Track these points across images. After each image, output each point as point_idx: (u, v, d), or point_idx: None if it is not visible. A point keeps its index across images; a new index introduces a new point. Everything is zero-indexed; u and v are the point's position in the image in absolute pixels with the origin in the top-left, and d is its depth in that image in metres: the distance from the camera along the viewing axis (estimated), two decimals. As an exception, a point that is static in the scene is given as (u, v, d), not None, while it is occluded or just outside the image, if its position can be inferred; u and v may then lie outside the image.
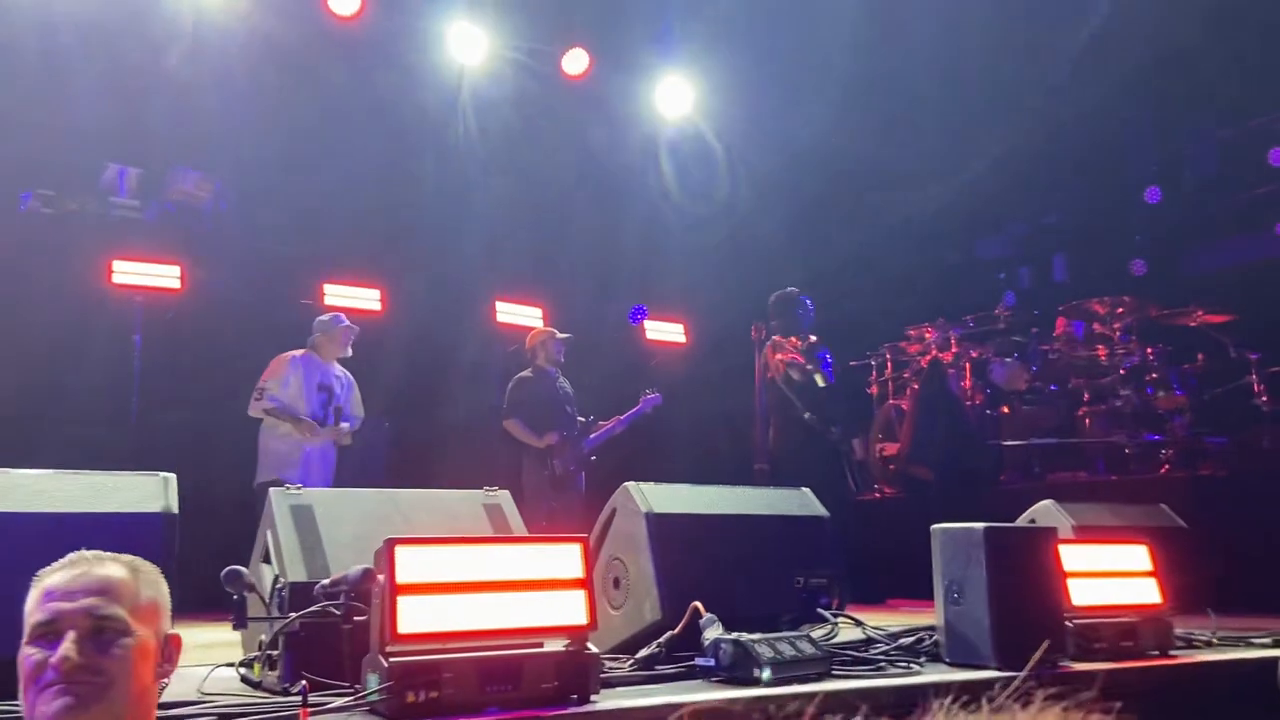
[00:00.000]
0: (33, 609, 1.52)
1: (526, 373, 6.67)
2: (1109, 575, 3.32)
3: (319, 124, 7.63)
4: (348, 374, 6.24)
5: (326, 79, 7.66)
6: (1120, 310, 7.19)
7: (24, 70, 6.51)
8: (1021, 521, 3.60)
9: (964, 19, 8.12)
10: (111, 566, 1.59)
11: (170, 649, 1.65)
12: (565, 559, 2.36)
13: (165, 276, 6.89)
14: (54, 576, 1.55)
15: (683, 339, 9.02)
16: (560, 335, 6.77)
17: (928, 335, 7.85)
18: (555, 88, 8.34)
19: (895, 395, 8.25)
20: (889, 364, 8.41)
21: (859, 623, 3.24)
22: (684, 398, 7.27)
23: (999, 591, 2.85)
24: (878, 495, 7.93)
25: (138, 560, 1.66)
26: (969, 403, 7.49)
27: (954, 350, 7.71)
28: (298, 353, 6.01)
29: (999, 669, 2.80)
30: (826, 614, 3.26)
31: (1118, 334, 7.16)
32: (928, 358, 7.77)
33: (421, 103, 8.01)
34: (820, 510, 3.56)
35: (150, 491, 2.46)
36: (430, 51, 7.83)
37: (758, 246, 8.98)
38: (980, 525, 2.93)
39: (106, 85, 6.81)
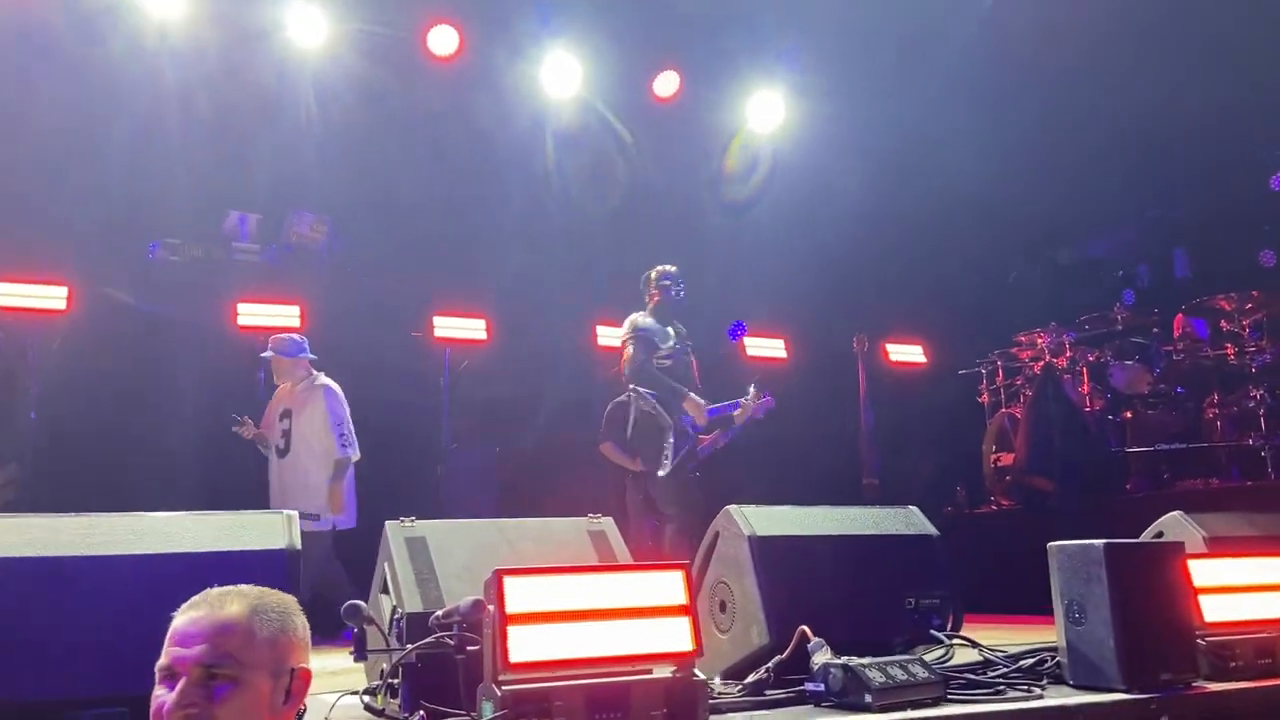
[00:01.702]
0: (163, 649, 1.59)
1: (621, 397, 6.71)
2: (1244, 590, 3.14)
3: (421, 160, 7.91)
4: (314, 386, 5.99)
5: (427, 117, 7.95)
6: (1249, 306, 6.81)
7: (145, 129, 6.98)
8: (1148, 535, 3.45)
9: (1067, 15, 7.84)
10: (232, 607, 1.61)
11: (298, 684, 1.64)
12: (668, 586, 2.38)
13: (286, 316, 7.23)
14: (179, 619, 1.61)
15: (783, 354, 8.93)
16: None
17: (1039, 340, 7.58)
18: (646, 111, 8.43)
19: (1008, 404, 8.00)
20: (1000, 371, 8.16)
21: (975, 644, 3.14)
22: (786, 414, 7.17)
23: (1122, 611, 2.74)
24: (994, 508, 7.68)
25: (266, 596, 1.67)
26: (1088, 409, 7.19)
27: (1068, 355, 7.42)
28: None
29: (1126, 691, 2.68)
30: (940, 635, 3.18)
31: (1247, 331, 6.79)
32: (1040, 363, 7.50)
33: (516, 134, 8.21)
34: (930, 529, 3.49)
35: (275, 529, 2.59)
36: (525, 84, 8.02)
37: (857, 257, 8.85)
38: (1100, 542, 2.82)
39: (222, 136, 7.25)
